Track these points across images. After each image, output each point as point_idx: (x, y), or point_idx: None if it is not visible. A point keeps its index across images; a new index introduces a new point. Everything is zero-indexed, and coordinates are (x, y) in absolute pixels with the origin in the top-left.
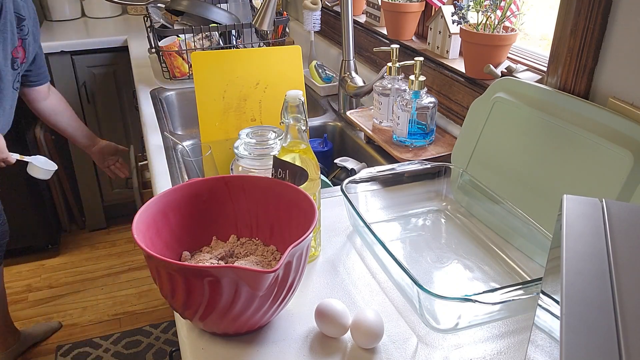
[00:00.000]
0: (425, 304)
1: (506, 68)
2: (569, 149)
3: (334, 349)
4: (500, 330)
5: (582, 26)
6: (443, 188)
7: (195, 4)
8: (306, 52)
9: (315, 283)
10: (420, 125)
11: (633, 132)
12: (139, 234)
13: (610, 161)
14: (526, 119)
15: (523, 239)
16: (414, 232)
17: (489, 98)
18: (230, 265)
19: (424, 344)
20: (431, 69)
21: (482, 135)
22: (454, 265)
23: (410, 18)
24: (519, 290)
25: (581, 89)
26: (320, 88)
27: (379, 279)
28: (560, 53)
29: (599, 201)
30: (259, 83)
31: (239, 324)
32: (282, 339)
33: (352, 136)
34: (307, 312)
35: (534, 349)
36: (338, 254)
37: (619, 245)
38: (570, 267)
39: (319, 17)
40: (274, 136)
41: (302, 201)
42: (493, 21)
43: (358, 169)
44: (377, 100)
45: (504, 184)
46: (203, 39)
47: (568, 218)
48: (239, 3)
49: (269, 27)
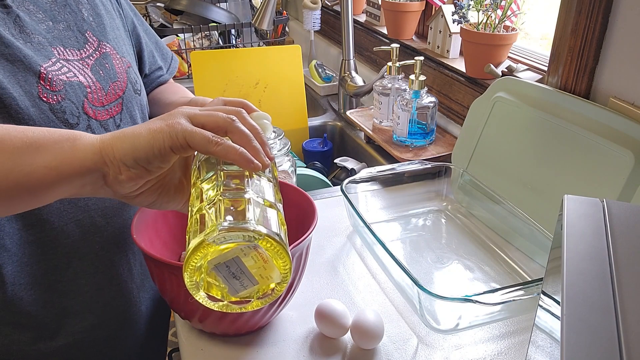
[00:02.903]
0: (426, 305)
1: (507, 68)
2: (569, 149)
3: (334, 349)
4: (500, 330)
5: (583, 25)
6: (443, 188)
7: (195, 3)
8: (306, 52)
9: (315, 283)
10: (421, 125)
11: (634, 132)
12: (138, 234)
13: (611, 161)
14: (527, 118)
15: (523, 239)
16: (414, 232)
17: (490, 98)
18: None
19: (424, 344)
20: (431, 68)
21: (483, 135)
22: (454, 265)
23: (411, 17)
24: (520, 290)
25: (582, 89)
26: (320, 88)
27: (379, 279)
28: (560, 52)
29: (600, 201)
30: (258, 83)
31: (239, 324)
32: (282, 339)
33: (352, 136)
34: (307, 312)
35: (534, 350)
36: (338, 254)
37: (620, 245)
38: (571, 268)
39: (318, 16)
40: (274, 136)
41: (302, 201)
42: (493, 20)
43: (358, 169)
44: (377, 100)
45: (504, 184)
46: (202, 38)
47: (569, 218)
48: (238, 2)
49: (268, 27)
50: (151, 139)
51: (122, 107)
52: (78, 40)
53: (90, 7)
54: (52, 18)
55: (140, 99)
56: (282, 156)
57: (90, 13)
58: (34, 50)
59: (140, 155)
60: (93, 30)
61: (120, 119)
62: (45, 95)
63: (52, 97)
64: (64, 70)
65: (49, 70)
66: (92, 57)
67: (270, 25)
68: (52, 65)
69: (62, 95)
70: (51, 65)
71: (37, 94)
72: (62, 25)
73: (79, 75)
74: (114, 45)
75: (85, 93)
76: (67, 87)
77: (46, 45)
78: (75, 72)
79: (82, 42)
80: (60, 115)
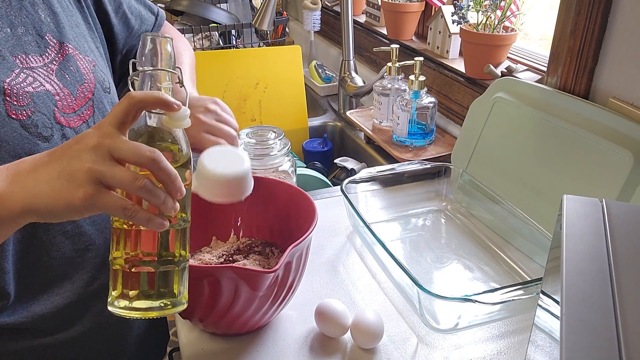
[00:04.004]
0: (425, 304)
1: (506, 68)
2: (569, 149)
3: (334, 349)
4: (500, 330)
5: (582, 26)
6: (443, 188)
7: (195, 4)
8: (306, 52)
9: (315, 283)
10: (420, 125)
11: (633, 132)
12: None
13: (610, 161)
14: (526, 119)
15: (523, 239)
16: (414, 232)
17: (489, 98)
18: (230, 266)
19: (424, 344)
20: (431, 69)
21: (482, 135)
22: (454, 265)
23: (410, 18)
24: (519, 290)
25: (581, 89)
26: (320, 88)
27: (379, 279)
28: (560, 53)
29: (599, 201)
30: (258, 83)
31: (239, 324)
32: (282, 339)
33: (352, 136)
34: (307, 312)
35: (534, 349)
36: (338, 254)
37: (619, 245)
38: (570, 268)
39: (318, 17)
40: (274, 136)
41: (302, 201)
42: (493, 21)
43: (358, 169)
44: (377, 100)
45: (504, 184)
46: (203, 38)
47: (568, 218)
48: (238, 3)
49: (268, 27)
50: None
51: (94, 109)
52: (39, 44)
53: (45, 6)
54: (9, 24)
55: (110, 97)
56: (282, 156)
57: (46, 13)
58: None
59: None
60: (52, 31)
61: (93, 121)
62: (14, 112)
63: (21, 113)
64: (29, 80)
65: (12, 85)
66: (55, 62)
67: (271, 26)
68: (16, 77)
69: (31, 109)
70: (14, 77)
71: (5, 112)
72: (21, 30)
73: (45, 83)
74: (76, 44)
75: (55, 101)
76: (35, 99)
77: (7, 55)
78: (41, 80)
79: (43, 47)
80: (33, 130)
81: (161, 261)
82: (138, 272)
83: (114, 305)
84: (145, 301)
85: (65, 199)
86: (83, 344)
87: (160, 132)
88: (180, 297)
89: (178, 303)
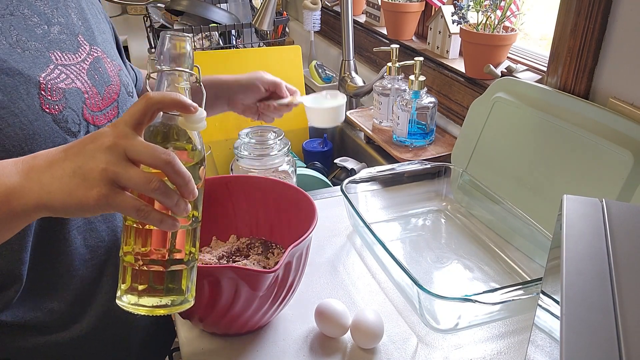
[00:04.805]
0: (425, 304)
1: (506, 68)
2: (569, 149)
3: (334, 349)
4: (500, 330)
5: (582, 26)
6: (443, 188)
7: (195, 4)
8: (306, 52)
9: (315, 283)
10: (420, 125)
11: (633, 132)
12: None
13: (610, 161)
14: (526, 119)
15: (523, 239)
16: (414, 232)
17: (489, 98)
18: (230, 265)
19: (423, 344)
20: (431, 69)
21: (482, 135)
22: (454, 265)
23: (410, 18)
24: (519, 290)
25: (581, 89)
26: (320, 88)
27: (379, 279)
28: (560, 53)
29: (599, 201)
30: None
31: (239, 324)
32: (282, 339)
33: (352, 136)
34: (307, 312)
35: (534, 349)
36: (338, 254)
37: (619, 245)
38: (570, 267)
39: (318, 17)
40: (274, 136)
41: (302, 201)
42: (493, 21)
43: (358, 169)
44: (377, 100)
45: (504, 184)
46: (203, 39)
47: (568, 218)
48: (238, 3)
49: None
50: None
51: (118, 110)
52: (72, 44)
53: (77, 10)
54: (47, 21)
55: (133, 101)
56: (282, 156)
57: (78, 17)
58: (32, 58)
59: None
60: (83, 34)
61: None
62: (47, 106)
63: (54, 107)
64: (62, 77)
65: (47, 80)
66: (86, 62)
67: (271, 26)
68: (51, 73)
69: (62, 104)
70: (49, 73)
71: (39, 105)
72: (57, 29)
73: (76, 81)
74: (104, 49)
75: (84, 99)
76: (67, 95)
77: (43, 51)
78: (73, 78)
79: (76, 46)
80: (63, 125)
81: (171, 260)
82: (148, 270)
83: (122, 300)
84: (153, 298)
85: (79, 197)
86: (88, 342)
87: (175, 131)
88: (187, 295)
89: (185, 301)
